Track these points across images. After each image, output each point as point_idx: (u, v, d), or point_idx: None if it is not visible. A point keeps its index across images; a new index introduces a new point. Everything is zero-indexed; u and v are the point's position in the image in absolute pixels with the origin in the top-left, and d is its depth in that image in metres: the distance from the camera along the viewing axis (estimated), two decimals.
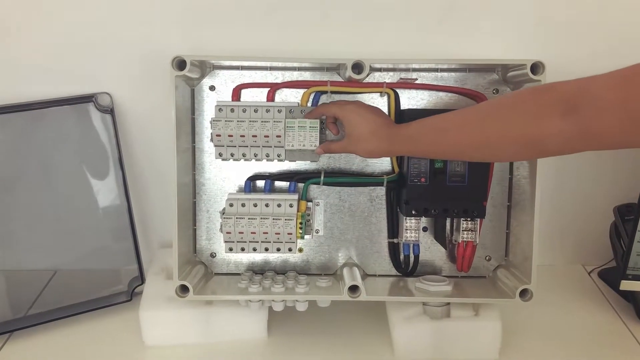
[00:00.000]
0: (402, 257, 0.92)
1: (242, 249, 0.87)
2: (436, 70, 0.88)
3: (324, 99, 0.88)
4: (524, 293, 0.84)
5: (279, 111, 0.86)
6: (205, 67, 0.88)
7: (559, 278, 1.08)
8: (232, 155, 0.87)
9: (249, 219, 0.85)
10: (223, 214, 0.87)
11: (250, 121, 0.85)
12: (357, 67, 0.83)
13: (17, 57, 0.96)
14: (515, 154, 0.70)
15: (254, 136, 0.85)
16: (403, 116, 0.87)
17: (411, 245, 0.91)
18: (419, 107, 0.89)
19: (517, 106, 0.66)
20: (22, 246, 0.99)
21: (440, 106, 0.89)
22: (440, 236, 0.91)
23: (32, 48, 0.95)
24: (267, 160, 0.88)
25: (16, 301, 0.98)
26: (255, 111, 0.86)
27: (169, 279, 0.92)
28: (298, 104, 0.88)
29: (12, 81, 0.96)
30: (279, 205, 0.87)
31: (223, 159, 0.88)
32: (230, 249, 0.87)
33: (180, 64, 0.81)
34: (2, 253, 0.98)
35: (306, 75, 0.89)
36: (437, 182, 0.85)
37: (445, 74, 0.89)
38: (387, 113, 0.88)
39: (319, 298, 0.87)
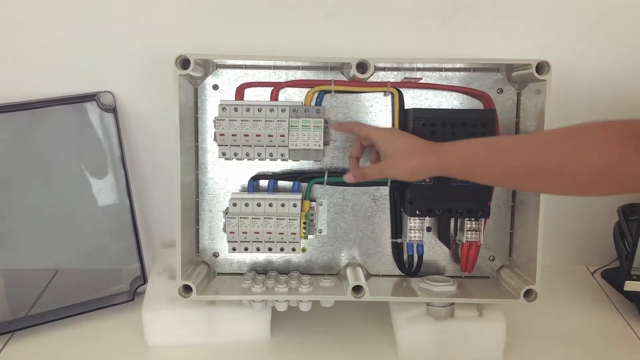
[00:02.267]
0: (405, 257, 0.92)
1: (246, 249, 0.86)
2: (440, 69, 0.88)
3: (327, 98, 0.88)
4: (528, 293, 0.84)
5: (283, 110, 0.86)
6: (208, 66, 0.87)
7: (562, 278, 1.08)
8: (235, 154, 0.86)
9: (252, 218, 0.85)
10: (226, 213, 0.86)
11: (253, 120, 0.84)
12: (362, 66, 0.83)
13: (19, 55, 0.95)
14: (579, 184, 0.64)
15: (258, 135, 0.84)
16: (407, 115, 0.87)
17: (415, 245, 0.91)
18: (423, 107, 0.89)
19: (588, 134, 0.63)
20: (23, 245, 0.99)
21: (444, 106, 0.89)
22: (444, 236, 0.90)
23: (34, 46, 0.95)
24: (271, 159, 0.87)
25: (17, 301, 0.97)
26: (259, 110, 0.85)
27: (172, 278, 0.92)
28: (302, 103, 0.88)
29: (14, 79, 0.96)
30: (282, 205, 0.86)
31: (226, 159, 0.87)
32: (234, 249, 0.86)
33: (184, 63, 0.81)
34: (2, 252, 0.98)
35: (310, 75, 0.88)
36: (441, 182, 0.84)
37: (449, 74, 0.88)
38: (391, 113, 0.88)
39: (323, 298, 0.87)
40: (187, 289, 0.84)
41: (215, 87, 0.88)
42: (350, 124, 0.84)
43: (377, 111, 0.89)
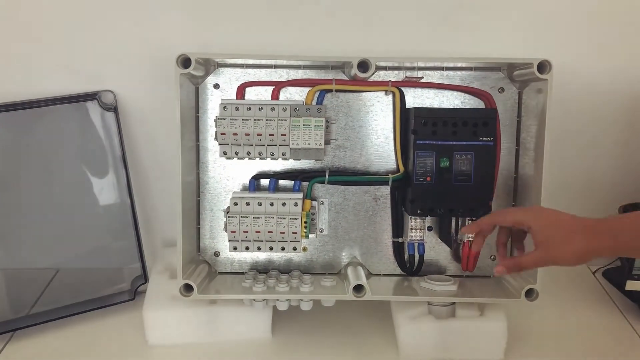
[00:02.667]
0: (406, 256, 0.92)
1: (247, 248, 0.86)
2: (442, 68, 0.88)
3: (328, 97, 0.88)
4: (529, 293, 0.84)
5: (284, 109, 0.85)
6: (209, 65, 0.87)
7: (562, 278, 1.07)
8: (236, 153, 0.86)
9: (253, 217, 0.84)
10: (227, 212, 0.86)
11: (255, 119, 0.84)
12: (363, 65, 0.83)
13: (20, 54, 0.95)
14: None
15: (259, 134, 0.84)
16: (408, 115, 0.87)
17: (416, 245, 0.91)
18: (424, 106, 0.89)
19: None
20: (24, 244, 0.99)
21: (445, 105, 0.89)
22: (445, 235, 0.90)
23: (35, 45, 0.95)
24: (272, 158, 0.87)
25: (18, 300, 0.98)
26: (260, 109, 0.85)
27: (173, 278, 0.92)
28: (303, 102, 0.88)
29: (15, 78, 0.96)
30: (283, 204, 0.86)
31: (227, 158, 0.87)
32: (235, 248, 0.86)
33: (185, 62, 0.81)
34: (4, 251, 0.98)
35: (311, 74, 0.88)
36: (442, 181, 0.84)
37: (450, 73, 0.88)
38: (392, 112, 0.88)
39: (324, 297, 0.87)
40: (188, 288, 0.84)
41: (217, 86, 0.88)
42: (488, 218, 0.76)
43: (378, 110, 0.89)
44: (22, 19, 0.93)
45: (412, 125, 0.85)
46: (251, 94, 0.89)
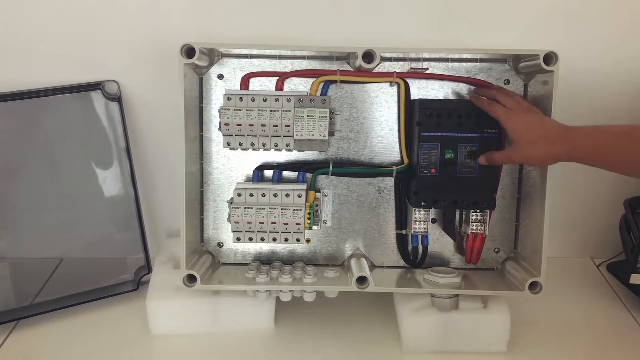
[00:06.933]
0: (410, 248, 0.92)
1: (250, 239, 0.86)
2: (447, 60, 0.87)
3: (333, 88, 0.88)
4: (533, 286, 0.83)
5: (288, 100, 0.85)
6: (213, 55, 0.87)
7: (567, 271, 1.07)
8: (240, 144, 0.86)
9: (257, 208, 0.84)
10: (231, 203, 0.86)
11: (258, 110, 0.84)
12: (368, 56, 0.82)
13: (24, 44, 0.95)
14: None
15: (263, 125, 0.84)
16: (413, 106, 0.86)
17: (420, 237, 0.91)
18: (429, 97, 0.88)
19: None
20: (28, 234, 0.99)
21: (450, 96, 0.88)
22: (449, 228, 0.90)
23: (39, 35, 0.95)
24: (276, 149, 0.87)
25: (22, 289, 0.98)
26: (264, 100, 0.85)
27: (176, 268, 0.92)
28: (307, 93, 0.87)
29: (19, 68, 0.96)
30: (287, 196, 0.86)
31: (231, 148, 0.87)
32: (238, 239, 0.86)
33: (189, 52, 0.80)
34: (8, 241, 0.98)
35: (315, 64, 0.88)
36: (447, 173, 0.84)
37: (456, 64, 0.88)
38: (397, 103, 0.88)
39: (327, 289, 0.87)
40: (191, 278, 0.84)
41: (220, 76, 0.88)
42: (483, 102, 0.83)
43: (383, 102, 0.88)
44: (26, 8, 0.93)
45: (416, 117, 0.84)
46: (255, 84, 0.88)
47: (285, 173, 0.90)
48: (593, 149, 0.73)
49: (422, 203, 0.85)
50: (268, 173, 0.90)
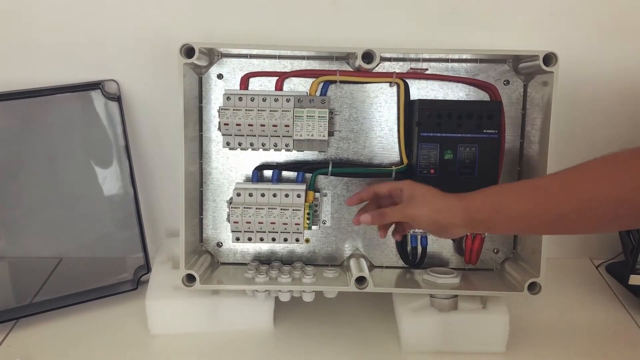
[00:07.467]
0: (409, 248, 0.92)
1: (249, 239, 0.86)
2: (447, 60, 0.87)
3: (332, 88, 0.88)
4: (532, 286, 0.83)
5: (288, 100, 0.85)
6: (213, 55, 0.87)
7: (566, 272, 1.07)
8: (239, 144, 0.86)
9: (256, 208, 0.84)
10: (230, 203, 0.86)
11: (258, 110, 0.84)
12: (368, 56, 0.82)
13: (24, 43, 0.95)
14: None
15: (262, 125, 0.84)
16: (413, 106, 0.86)
17: (419, 237, 0.91)
18: (429, 98, 0.88)
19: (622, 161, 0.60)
20: (27, 233, 0.99)
21: (450, 97, 0.88)
22: None
23: (38, 34, 0.95)
24: (275, 150, 0.87)
25: (21, 289, 0.98)
26: (264, 100, 0.85)
27: (175, 268, 0.92)
28: (307, 93, 0.87)
29: (18, 67, 0.96)
30: (286, 196, 0.86)
31: (230, 148, 0.87)
32: (237, 239, 0.86)
33: (189, 52, 0.80)
34: (7, 240, 0.98)
35: (315, 65, 0.88)
36: (446, 173, 0.84)
37: (455, 65, 0.88)
38: (396, 104, 0.88)
39: (326, 289, 0.87)
40: (190, 278, 0.84)
41: (220, 76, 0.88)
42: (367, 188, 0.81)
43: (383, 102, 0.88)
44: (25, 6, 0.93)
45: (416, 117, 0.84)
46: (255, 84, 0.88)
47: (285, 173, 0.90)
48: (491, 213, 0.67)
49: None
50: (267, 173, 0.90)
